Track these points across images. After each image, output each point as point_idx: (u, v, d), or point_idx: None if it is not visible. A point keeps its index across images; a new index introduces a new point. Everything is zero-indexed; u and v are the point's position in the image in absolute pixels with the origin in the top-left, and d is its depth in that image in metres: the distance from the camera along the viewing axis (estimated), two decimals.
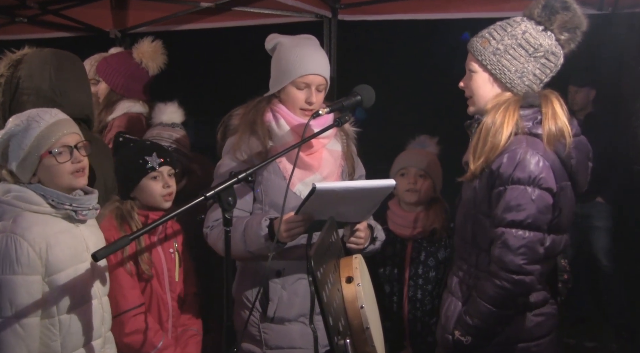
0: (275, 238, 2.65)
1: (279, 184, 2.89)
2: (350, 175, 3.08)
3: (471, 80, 2.69)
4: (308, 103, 2.91)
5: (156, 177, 3.01)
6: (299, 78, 2.88)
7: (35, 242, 2.43)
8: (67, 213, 2.55)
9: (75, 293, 2.53)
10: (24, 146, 2.48)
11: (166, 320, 3.04)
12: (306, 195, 2.55)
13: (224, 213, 2.32)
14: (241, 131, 2.98)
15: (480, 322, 2.56)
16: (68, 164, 2.53)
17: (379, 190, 2.69)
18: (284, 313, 2.92)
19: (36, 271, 2.43)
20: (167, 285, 3.04)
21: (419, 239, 3.51)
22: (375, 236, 2.95)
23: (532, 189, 2.48)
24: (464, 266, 2.72)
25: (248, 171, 2.39)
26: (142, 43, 4.11)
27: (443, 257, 3.49)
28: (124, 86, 4.05)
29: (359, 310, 2.31)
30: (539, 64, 2.60)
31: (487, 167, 2.58)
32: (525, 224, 2.48)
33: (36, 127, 2.50)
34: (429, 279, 3.48)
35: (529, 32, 2.59)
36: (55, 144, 2.51)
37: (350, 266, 2.41)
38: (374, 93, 2.83)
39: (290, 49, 2.94)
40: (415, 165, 3.53)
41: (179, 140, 3.67)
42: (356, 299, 2.32)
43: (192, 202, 2.27)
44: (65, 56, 3.16)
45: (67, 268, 2.51)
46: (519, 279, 2.48)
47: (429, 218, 3.51)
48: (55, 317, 2.49)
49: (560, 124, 2.54)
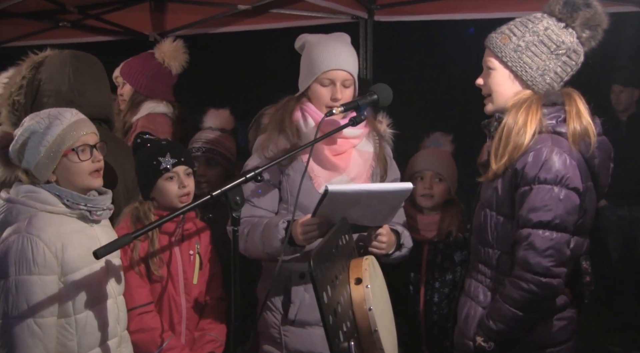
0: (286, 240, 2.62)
1: (304, 184, 2.85)
2: (382, 178, 3.03)
3: (489, 78, 2.62)
4: (333, 100, 2.87)
5: (172, 178, 3.00)
6: (323, 74, 2.86)
7: (51, 242, 2.45)
8: (81, 214, 2.57)
9: (91, 292, 2.55)
10: (46, 143, 2.51)
11: (178, 322, 3.01)
12: (320, 198, 2.52)
13: (231, 213, 2.31)
14: (270, 130, 2.98)
15: (505, 327, 2.48)
16: (88, 163, 2.56)
17: (395, 194, 2.64)
18: (305, 317, 2.90)
19: (52, 271, 2.45)
20: (181, 288, 3.02)
21: (434, 242, 3.46)
22: (401, 243, 2.91)
23: (559, 189, 2.41)
24: (484, 269, 2.65)
25: (257, 170, 2.38)
26: (163, 43, 4.15)
27: (460, 259, 3.43)
28: (148, 86, 4.08)
29: (366, 312, 2.27)
30: (560, 62, 2.53)
31: (511, 166, 2.51)
32: (553, 225, 2.40)
33: (59, 124, 2.53)
34: (446, 282, 3.42)
35: (550, 29, 2.52)
36: (77, 141, 2.54)
37: (360, 267, 2.37)
38: (391, 92, 2.78)
39: (314, 46, 2.92)
40: (431, 168, 3.48)
41: (223, 144, 3.70)
42: (364, 301, 2.27)
43: (199, 201, 2.26)
44: (83, 57, 3.21)
45: (82, 267, 2.53)
46: (547, 282, 2.41)
47: (444, 220, 3.46)
48: (71, 316, 2.51)
49: (584, 123, 2.47)
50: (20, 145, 2.54)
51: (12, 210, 2.51)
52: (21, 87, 3.05)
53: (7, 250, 2.42)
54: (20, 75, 3.07)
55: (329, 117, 2.83)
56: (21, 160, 2.55)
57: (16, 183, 2.57)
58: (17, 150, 2.55)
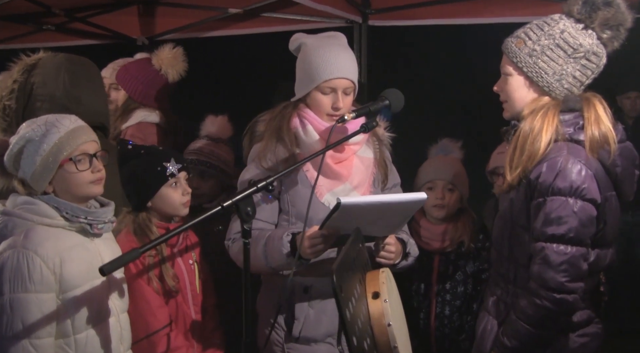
0: (297, 255, 2.50)
1: (306, 194, 2.73)
2: (383, 183, 2.93)
3: (506, 84, 2.51)
4: (334, 108, 2.75)
5: (176, 184, 2.89)
6: (324, 83, 2.73)
7: (48, 257, 2.31)
8: (81, 227, 2.43)
9: (92, 310, 2.41)
10: (42, 152, 2.36)
11: (192, 336, 2.91)
12: (331, 210, 2.41)
13: (243, 225, 2.20)
14: (267, 138, 2.85)
15: (519, 343, 2.38)
16: (87, 173, 2.42)
17: (408, 205, 2.54)
18: (310, 333, 2.78)
19: (50, 288, 2.31)
20: (190, 299, 2.92)
21: (446, 252, 3.36)
22: (408, 251, 2.80)
23: (573, 200, 2.31)
24: (501, 283, 2.56)
25: (268, 179, 2.26)
26: (162, 49, 4.02)
27: (472, 270, 3.34)
28: (142, 93, 3.96)
29: (386, 328, 2.17)
30: (579, 66, 2.42)
31: (525, 177, 2.40)
32: (567, 238, 2.30)
33: (56, 132, 2.39)
34: (457, 294, 3.32)
35: (567, 31, 2.41)
36: (75, 150, 2.40)
37: (377, 281, 2.27)
38: (402, 97, 2.68)
39: (313, 50, 2.78)
40: (443, 177, 3.38)
41: (218, 155, 3.59)
42: (383, 316, 2.18)
43: (210, 212, 2.14)
44: (79, 62, 3.08)
45: (82, 284, 2.39)
46: (561, 298, 2.30)
47: (456, 231, 3.36)
48: (70, 337, 2.36)
49: (604, 129, 2.36)
50: (15, 154, 2.40)
51: (7, 224, 2.36)
52: (12, 91, 2.92)
53: (1, 267, 2.28)
54: (12, 79, 2.93)
55: (326, 124, 2.75)
56: (17, 170, 2.40)
57: (12, 195, 2.43)
58: (13, 159, 2.40)
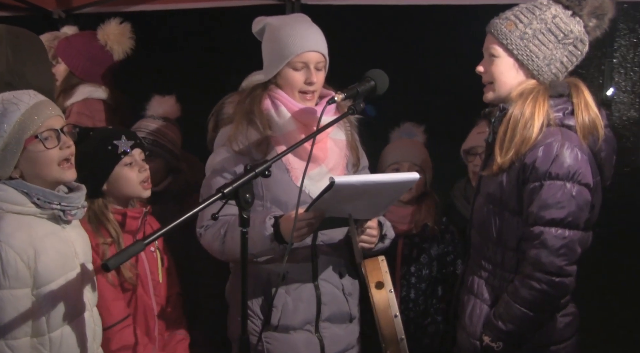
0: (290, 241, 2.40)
1: (282, 178, 2.64)
2: (355, 166, 2.86)
3: (492, 65, 2.50)
4: (308, 83, 2.66)
5: (131, 163, 2.72)
6: (295, 57, 2.63)
7: (22, 249, 2.11)
8: (53, 214, 2.23)
9: (67, 306, 2.22)
10: (3, 133, 2.15)
11: (153, 328, 2.77)
12: (322, 190, 2.31)
13: (242, 212, 2.07)
14: (237, 120, 2.71)
15: (515, 327, 2.40)
16: (56, 151, 2.21)
17: (399, 185, 2.49)
18: (288, 321, 2.68)
19: (25, 284, 2.12)
20: (151, 290, 2.77)
21: (410, 235, 3.34)
22: (384, 233, 2.73)
23: (571, 185, 2.33)
24: (488, 266, 2.56)
25: (267, 163, 2.14)
26: (109, 24, 3.78)
27: (436, 253, 3.33)
28: (85, 69, 3.72)
29: (392, 319, 2.12)
30: (567, 52, 2.45)
31: (518, 160, 2.40)
32: (566, 223, 2.33)
33: (15, 110, 2.17)
34: (422, 277, 3.31)
35: (559, 16, 2.43)
36: (40, 127, 2.19)
37: (379, 270, 2.22)
38: (387, 78, 2.60)
39: (280, 28, 2.68)
40: (409, 159, 3.35)
41: (167, 135, 3.39)
42: (389, 307, 2.14)
43: (209, 200, 1.99)
44: (22, 34, 2.86)
45: (57, 277, 2.20)
46: (560, 281, 2.34)
47: (420, 214, 3.35)
48: (45, 335, 2.18)
49: (592, 115, 2.41)
50: None
51: None
52: None
53: None
54: None
55: (306, 107, 2.66)
56: None
57: None
58: None
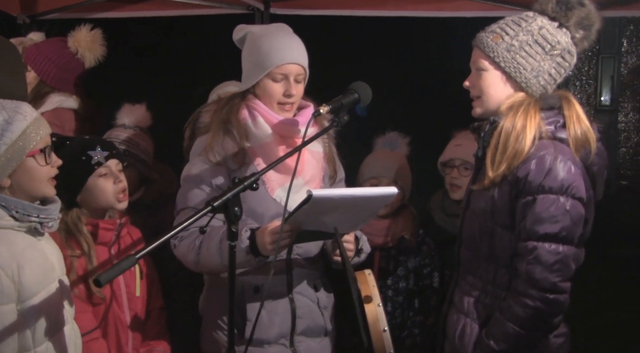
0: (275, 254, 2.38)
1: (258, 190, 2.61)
2: (332, 179, 2.85)
3: (480, 79, 2.47)
4: (287, 95, 2.65)
5: (106, 174, 2.67)
6: (275, 68, 2.61)
7: (6, 263, 2.06)
8: (30, 227, 2.18)
9: (50, 319, 2.17)
10: (7, 140, 2.11)
11: (125, 343, 2.71)
12: (299, 203, 2.30)
13: (230, 226, 2.05)
14: (214, 130, 2.68)
15: (507, 346, 2.34)
16: (48, 167, 2.19)
17: (377, 199, 2.48)
18: (263, 335, 2.65)
19: (10, 299, 2.07)
20: (125, 303, 2.71)
21: (387, 248, 3.34)
22: (360, 247, 2.72)
23: (565, 199, 2.30)
24: (479, 283, 2.50)
25: (255, 176, 2.13)
26: (79, 31, 3.69)
27: (413, 266, 3.32)
28: (56, 77, 3.63)
29: (381, 333, 2.13)
30: (554, 63, 2.42)
31: (511, 174, 2.36)
32: (560, 237, 2.29)
33: (22, 119, 2.14)
34: (399, 290, 3.30)
35: (545, 28, 2.41)
36: (39, 142, 2.17)
37: (367, 284, 2.22)
38: (370, 90, 2.60)
39: (262, 37, 2.66)
40: (388, 175, 3.33)
41: (139, 145, 3.34)
42: (378, 321, 2.14)
43: (199, 214, 1.97)
44: None
45: (40, 291, 2.15)
46: (554, 298, 2.29)
47: (397, 226, 3.35)
48: (31, 350, 2.12)
49: (584, 129, 2.38)
50: None
51: None
52: None
53: None
54: None
55: (284, 118, 2.65)
56: None
57: None
58: None
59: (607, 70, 7.67)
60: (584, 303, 3.48)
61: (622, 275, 6.07)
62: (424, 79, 3.77)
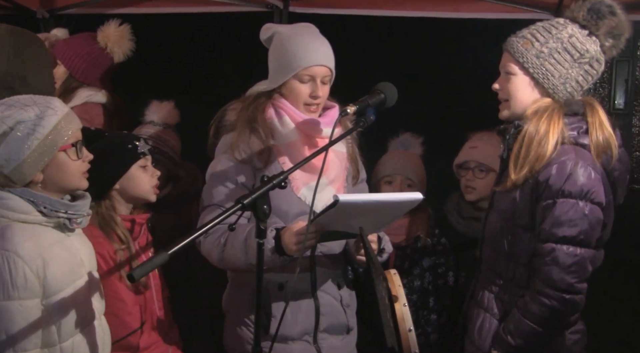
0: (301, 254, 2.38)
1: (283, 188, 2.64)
2: (355, 179, 2.87)
3: (509, 83, 2.51)
4: (313, 97, 2.65)
5: (145, 166, 2.71)
6: (303, 70, 2.61)
7: (30, 258, 2.06)
8: (59, 222, 2.19)
9: (77, 315, 2.18)
10: (39, 135, 2.11)
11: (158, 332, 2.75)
12: (325, 207, 2.32)
13: (259, 224, 2.06)
14: (239, 128, 2.69)
15: (523, 342, 2.41)
16: (80, 162, 2.20)
17: (402, 204, 2.49)
18: (287, 331, 2.66)
19: (34, 294, 2.07)
20: (154, 294, 2.75)
21: (402, 247, 3.34)
22: (382, 247, 2.73)
23: (584, 203, 2.34)
24: (499, 281, 2.57)
25: (284, 174, 2.13)
26: (108, 26, 3.70)
27: (428, 265, 3.34)
28: (85, 72, 3.64)
29: (407, 333, 2.13)
30: (582, 71, 2.46)
31: (532, 177, 2.41)
32: (578, 240, 2.34)
33: (53, 114, 2.14)
34: (414, 289, 3.31)
35: (575, 36, 2.44)
36: (71, 137, 2.18)
37: (393, 283, 2.23)
38: (396, 91, 2.61)
39: (289, 39, 2.66)
40: (402, 172, 3.36)
41: (168, 142, 3.36)
42: (404, 321, 2.14)
43: (229, 211, 1.98)
44: (24, 35, 2.78)
45: (66, 287, 2.16)
46: (570, 298, 2.35)
47: (412, 225, 3.35)
48: (56, 346, 2.13)
49: (607, 135, 2.42)
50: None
51: None
52: None
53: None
54: None
55: (310, 118, 2.66)
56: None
57: None
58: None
59: (621, 73, 7.67)
60: (598, 305, 3.50)
61: (633, 278, 6.10)
62: (439, 79, 3.77)
